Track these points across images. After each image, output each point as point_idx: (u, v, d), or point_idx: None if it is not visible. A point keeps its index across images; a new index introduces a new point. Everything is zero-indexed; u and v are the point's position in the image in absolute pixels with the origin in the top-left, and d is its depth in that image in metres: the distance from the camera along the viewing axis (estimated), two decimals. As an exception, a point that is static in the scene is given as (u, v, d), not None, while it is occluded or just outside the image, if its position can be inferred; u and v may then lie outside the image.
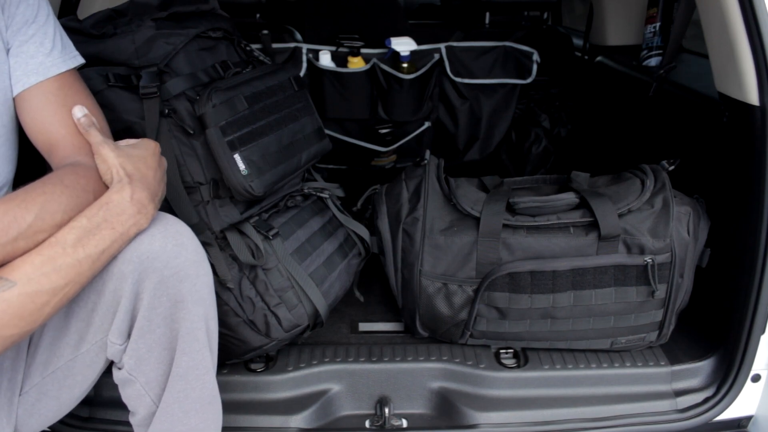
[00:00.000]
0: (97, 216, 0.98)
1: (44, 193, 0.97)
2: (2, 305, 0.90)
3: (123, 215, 0.99)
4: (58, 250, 0.94)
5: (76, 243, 0.95)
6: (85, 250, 0.95)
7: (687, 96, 1.91)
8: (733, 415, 1.54)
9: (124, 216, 1.00)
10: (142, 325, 1.05)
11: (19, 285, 0.91)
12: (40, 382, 1.12)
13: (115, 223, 0.99)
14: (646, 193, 1.52)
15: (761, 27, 1.36)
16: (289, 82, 1.57)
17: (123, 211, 1.00)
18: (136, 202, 1.01)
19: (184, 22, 1.46)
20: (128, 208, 1.00)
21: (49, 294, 0.93)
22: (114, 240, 0.99)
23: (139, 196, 1.02)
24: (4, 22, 1.10)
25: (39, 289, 0.92)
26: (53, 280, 0.93)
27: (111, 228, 0.98)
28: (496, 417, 1.49)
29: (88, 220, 0.97)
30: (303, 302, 1.48)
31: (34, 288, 0.92)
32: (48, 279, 0.93)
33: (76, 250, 0.95)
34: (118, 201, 1.00)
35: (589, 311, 1.51)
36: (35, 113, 1.11)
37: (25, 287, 0.91)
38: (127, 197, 1.01)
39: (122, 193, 1.01)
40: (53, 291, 0.93)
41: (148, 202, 1.03)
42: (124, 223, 0.99)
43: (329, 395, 1.53)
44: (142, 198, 1.02)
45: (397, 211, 1.59)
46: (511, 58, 2.36)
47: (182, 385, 1.09)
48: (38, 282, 0.92)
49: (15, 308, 0.91)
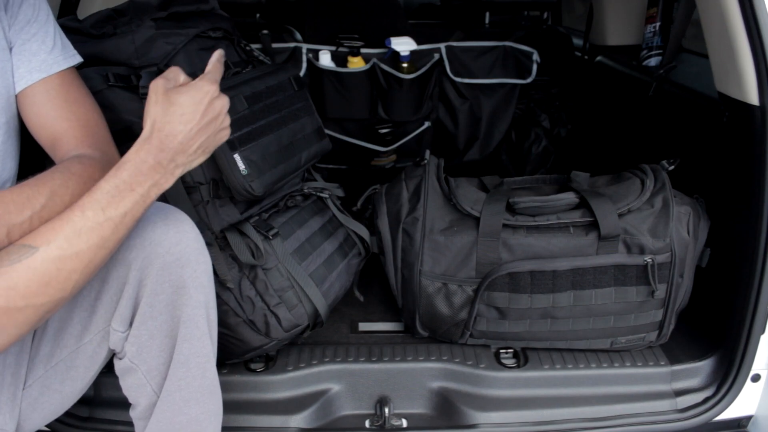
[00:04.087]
0: (117, 177, 0.96)
1: (54, 179, 0.99)
2: (27, 273, 0.89)
3: (142, 176, 0.97)
4: (78, 213, 0.93)
5: (95, 207, 0.94)
6: (105, 213, 0.94)
7: (687, 96, 1.91)
8: (733, 415, 1.54)
9: (144, 177, 0.97)
10: (144, 312, 1.06)
11: (41, 250, 0.90)
12: (43, 375, 1.13)
13: (135, 185, 0.97)
14: (646, 192, 1.52)
15: (761, 27, 1.36)
16: (289, 82, 1.58)
17: (142, 171, 0.97)
18: (158, 162, 0.98)
19: (184, 21, 1.46)
20: (149, 169, 0.98)
21: (73, 259, 0.92)
22: (135, 202, 0.97)
23: (162, 156, 0.99)
24: (7, 21, 1.12)
25: (62, 254, 0.91)
26: (74, 244, 0.92)
27: (131, 190, 0.96)
28: (496, 417, 1.49)
29: (107, 183, 0.96)
30: (303, 302, 1.48)
31: (57, 253, 0.91)
32: (69, 243, 0.92)
33: (96, 213, 0.94)
34: (139, 161, 0.97)
35: (589, 311, 1.51)
36: (38, 109, 1.13)
37: (48, 252, 0.91)
38: (149, 157, 0.98)
39: (142, 153, 0.98)
40: (77, 256, 0.92)
41: (169, 162, 1.00)
42: (143, 184, 0.97)
43: (329, 395, 1.53)
44: (162, 158, 0.99)
45: (397, 210, 1.59)
46: (511, 58, 2.36)
47: (183, 372, 1.10)
48: (60, 246, 0.91)
49: (41, 275, 0.90)
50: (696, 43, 2.10)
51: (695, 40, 2.06)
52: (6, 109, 1.11)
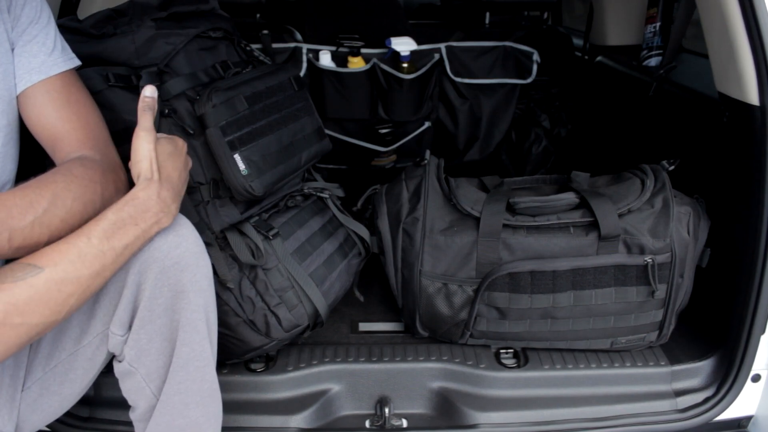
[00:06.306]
0: (123, 211, 0.99)
1: (56, 182, 1.00)
2: (29, 291, 0.90)
3: (147, 213, 1.01)
4: (84, 239, 0.95)
5: (101, 235, 0.96)
6: (109, 242, 0.97)
7: (687, 96, 1.91)
8: (733, 415, 1.54)
9: (149, 214, 1.01)
10: (143, 316, 1.06)
11: (47, 271, 0.91)
12: (42, 377, 1.13)
13: (139, 220, 1.00)
14: (646, 193, 1.52)
15: (761, 27, 1.36)
16: (289, 82, 1.58)
17: (148, 208, 1.01)
18: (161, 200, 1.02)
19: (184, 22, 1.46)
20: (153, 206, 1.01)
21: (74, 283, 0.94)
22: (137, 237, 1.00)
23: (164, 195, 1.03)
24: (10, 23, 1.12)
25: (65, 277, 0.93)
26: (78, 268, 0.94)
27: (135, 224, 0.99)
28: (496, 417, 1.49)
29: (113, 214, 0.98)
30: (303, 302, 1.48)
31: (60, 275, 0.92)
32: (73, 267, 0.93)
33: (101, 241, 0.96)
34: (145, 198, 1.01)
35: (589, 311, 1.51)
36: (39, 110, 1.13)
37: (52, 273, 0.92)
38: (153, 195, 1.02)
39: (148, 191, 1.02)
40: (78, 280, 0.94)
41: (172, 202, 1.05)
42: (147, 221, 1.01)
43: (329, 395, 1.53)
44: (166, 197, 1.03)
45: (397, 211, 1.59)
46: (511, 58, 2.36)
47: (182, 376, 1.10)
48: (64, 269, 0.93)
49: (41, 295, 0.91)
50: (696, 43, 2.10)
51: (695, 40, 2.06)
52: (8, 112, 1.11)
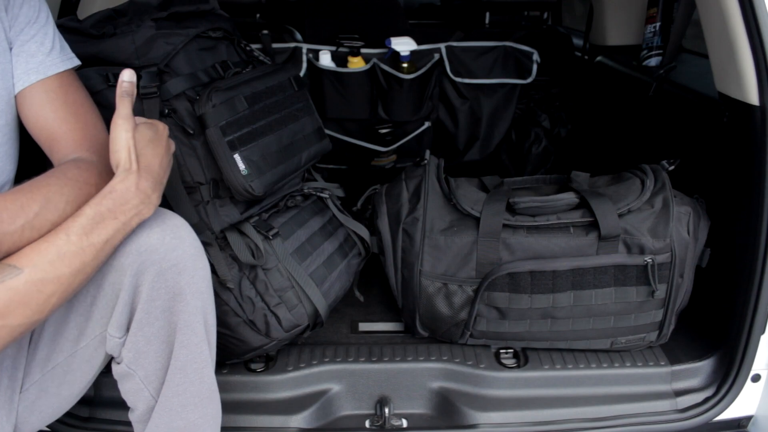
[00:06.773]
0: (101, 205, 0.98)
1: (49, 185, 0.99)
2: (9, 293, 0.90)
3: (126, 205, 1.00)
4: (63, 237, 0.95)
5: (80, 231, 0.95)
6: (89, 238, 0.96)
7: (687, 96, 1.91)
8: (733, 415, 1.54)
9: (128, 206, 1.00)
10: (140, 318, 1.06)
11: (26, 272, 0.91)
12: (40, 379, 1.13)
13: (119, 213, 0.99)
14: (646, 193, 1.52)
15: (761, 27, 1.36)
16: (289, 82, 1.58)
17: (127, 201, 1.00)
18: (140, 191, 1.01)
19: (184, 22, 1.46)
20: (132, 198, 1.00)
21: (55, 283, 0.93)
22: (117, 230, 0.99)
23: (143, 185, 1.02)
24: (8, 22, 1.12)
25: (44, 277, 0.92)
26: (58, 267, 0.93)
27: (114, 218, 0.98)
28: (496, 417, 1.49)
29: (92, 209, 0.98)
30: (303, 302, 1.48)
31: (40, 276, 0.92)
32: (53, 266, 0.93)
33: (80, 238, 0.95)
34: (122, 191, 1.00)
35: (589, 311, 1.51)
36: (37, 110, 1.13)
37: (32, 274, 0.91)
38: (131, 186, 1.01)
39: (126, 183, 1.01)
40: (58, 279, 0.94)
41: (152, 192, 1.03)
42: (127, 213, 1.00)
43: (329, 395, 1.53)
44: (145, 188, 1.02)
45: (397, 211, 1.59)
46: (511, 58, 2.36)
47: (181, 378, 1.09)
48: (43, 269, 0.92)
49: (22, 297, 0.91)
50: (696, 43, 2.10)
51: (695, 40, 2.06)
52: (6, 112, 1.11)
